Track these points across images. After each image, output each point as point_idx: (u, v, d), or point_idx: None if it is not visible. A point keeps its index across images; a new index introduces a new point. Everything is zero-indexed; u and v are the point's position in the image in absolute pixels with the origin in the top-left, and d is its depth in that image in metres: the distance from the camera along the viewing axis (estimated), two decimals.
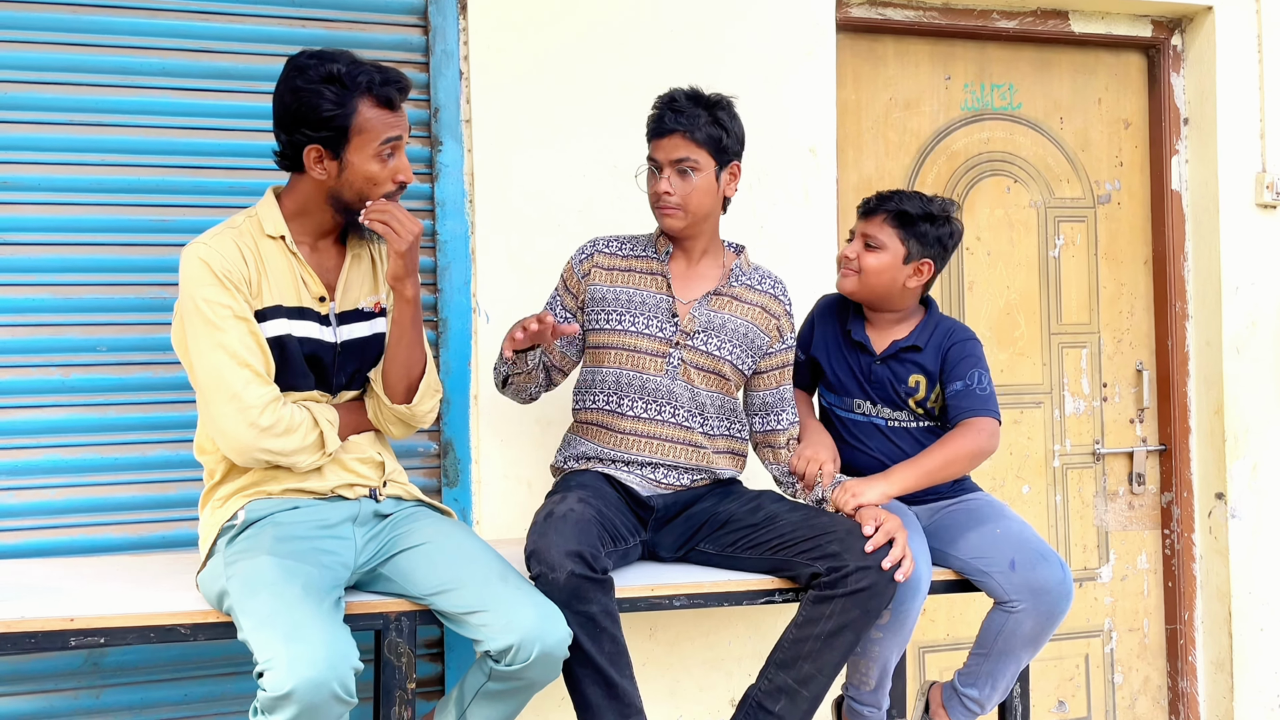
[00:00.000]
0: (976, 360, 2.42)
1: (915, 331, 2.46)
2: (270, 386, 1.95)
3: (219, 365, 1.92)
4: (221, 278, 1.94)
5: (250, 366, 1.93)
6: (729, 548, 2.27)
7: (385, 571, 2.04)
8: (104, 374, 2.56)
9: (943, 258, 2.45)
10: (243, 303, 1.95)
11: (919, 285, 2.45)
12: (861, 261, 2.42)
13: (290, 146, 1.99)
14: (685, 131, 2.27)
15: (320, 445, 2.00)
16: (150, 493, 2.59)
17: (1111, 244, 3.44)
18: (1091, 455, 3.40)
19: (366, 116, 1.96)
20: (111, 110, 2.57)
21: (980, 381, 2.39)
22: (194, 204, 2.61)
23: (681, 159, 2.27)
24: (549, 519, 2.06)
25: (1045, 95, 3.38)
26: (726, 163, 2.31)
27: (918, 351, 2.44)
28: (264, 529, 1.94)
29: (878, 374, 2.45)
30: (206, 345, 1.93)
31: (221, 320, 1.93)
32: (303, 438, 1.97)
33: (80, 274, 2.56)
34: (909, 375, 2.44)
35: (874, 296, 2.46)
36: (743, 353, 2.34)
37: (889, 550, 2.09)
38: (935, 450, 2.35)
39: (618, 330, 2.33)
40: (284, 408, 1.96)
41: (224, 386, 1.91)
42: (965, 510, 2.41)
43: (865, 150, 3.23)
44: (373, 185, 1.99)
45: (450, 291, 2.77)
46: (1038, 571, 2.23)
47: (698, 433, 2.32)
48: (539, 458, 2.78)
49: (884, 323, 2.49)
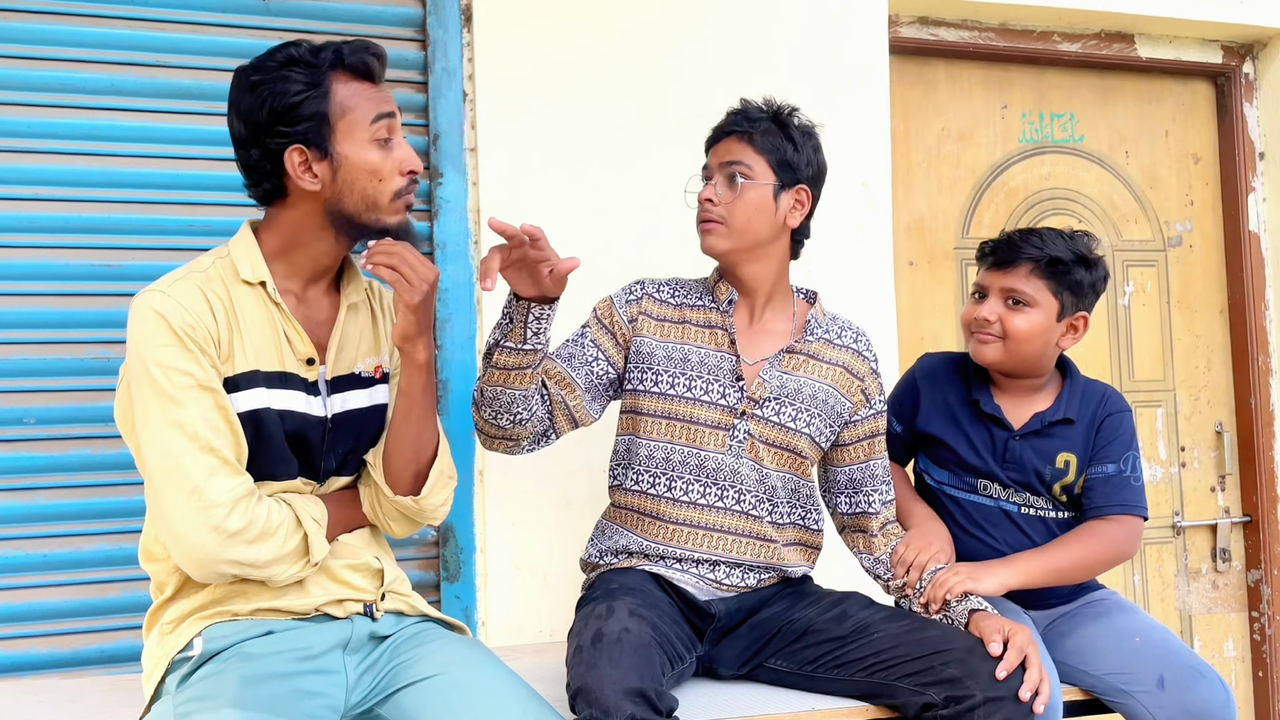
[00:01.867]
0: (1132, 440, 2.03)
1: (1061, 400, 2.05)
2: (241, 477, 1.51)
3: (175, 451, 1.48)
4: (182, 336, 1.50)
5: (216, 452, 1.49)
6: (808, 665, 1.85)
7: (384, 713, 1.58)
8: (31, 451, 2.13)
9: (1093, 306, 2.05)
10: (208, 368, 1.52)
11: (1072, 344, 2.05)
12: (1007, 324, 1.99)
13: (267, 160, 1.57)
14: (743, 133, 1.90)
15: (304, 552, 1.56)
16: (87, 596, 2.14)
17: (1185, 291, 3.09)
18: (1171, 529, 3.02)
19: (345, 93, 1.56)
20: (47, 135, 2.16)
21: (1135, 469, 2.00)
22: (144, 245, 2.20)
23: (733, 162, 1.89)
24: (599, 643, 1.62)
25: (1109, 127, 3.04)
26: (791, 183, 1.92)
27: (1069, 425, 2.04)
28: (227, 665, 1.49)
29: (1016, 452, 2.03)
30: (160, 423, 1.49)
31: (180, 392, 1.49)
32: (281, 544, 1.53)
33: (4, 329, 2.12)
34: (1057, 454, 2.03)
35: (1021, 365, 2.04)
36: (822, 423, 1.93)
37: (1023, 674, 1.68)
38: (1070, 544, 1.96)
39: (669, 396, 1.91)
40: (258, 505, 1.51)
41: (181, 478, 1.48)
42: (1093, 614, 2.02)
43: (916, 186, 2.86)
44: (378, 180, 1.57)
45: (452, 348, 2.34)
46: (1195, 691, 1.83)
47: (766, 522, 1.91)
48: (557, 545, 2.35)
49: (1018, 390, 2.08)
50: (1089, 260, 2.00)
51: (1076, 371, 2.11)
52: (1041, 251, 1.97)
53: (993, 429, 2.05)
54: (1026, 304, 1.99)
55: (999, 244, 2.03)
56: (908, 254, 2.84)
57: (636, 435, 1.94)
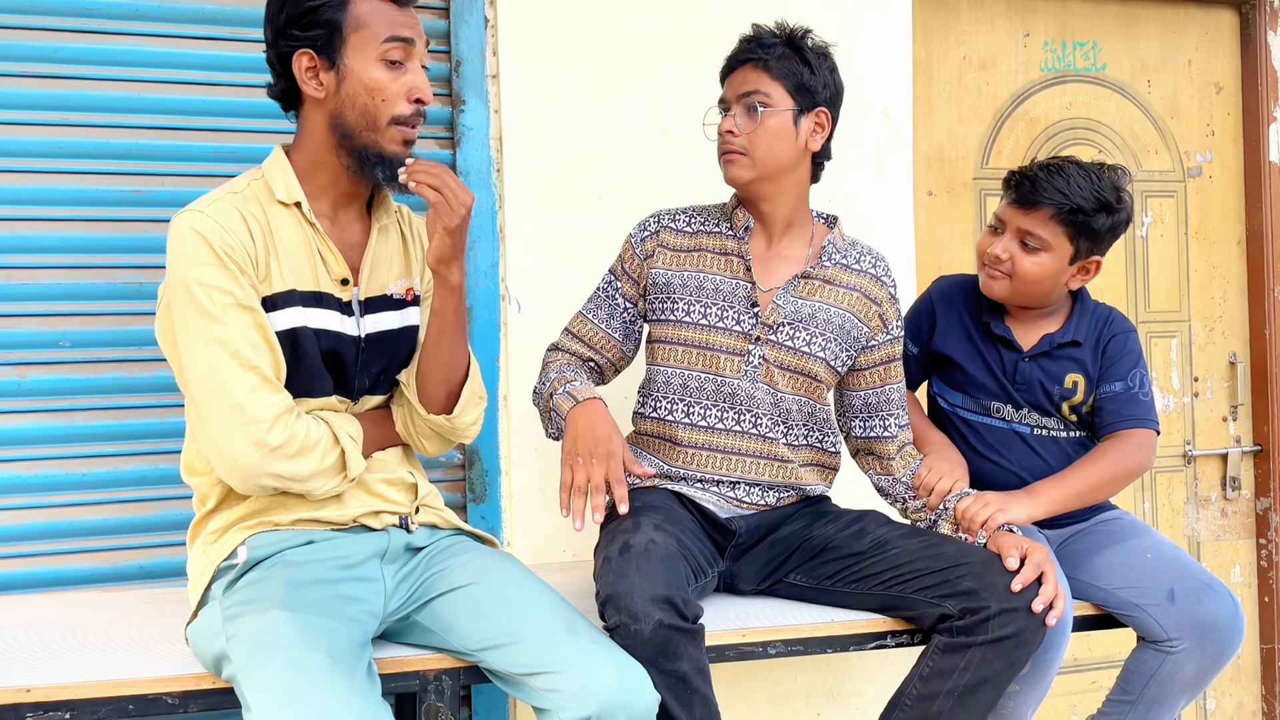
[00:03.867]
0: (1138, 358, 2.05)
1: (1069, 323, 2.08)
2: (281, 394, 1.56)
3: (217, 367, 1.52)
4: (222, 255, 1.53)
5: (257, 369, 1.53)
6: (827, 580, 1.89)
7: (421, 619, 1.65)
8: (67, 374, 2.16)
9: (1110, 247, 2.05)
10: (247, 287, 1.55)
11: (1081, 284, 2.07)
12: (1016, 264, 2.00)
13: (279, 61, 1.61)
14: (758, 61, 1.90)
15: (341, 467, 1.61)
16: (125, 514, 2.19)
17: (1203, 222, 3.09)
18: (1182, 458, 3.06)
19: (365, 9, 1.58)
20: (72, 60, 2.16)
21: (1143, 384, 2.02)
22: (172, 171, 2.22)
23: (750, 91, 1.89)
24: (626, 554, 1.67)
25: (1131, 56, 3.02)
26: (810, 106, 1.92)
27: (1076, 347, 2.06)
28: (273, 571, 1.55)
29: (1026, 373, 2.06)
30: (202, 341, 1.53)
31: (221, 310, 1.52)
32: (320, 459, 1.58)
33: (38, 254, 2.15)
34: (1065, 375, 2.05)
35: (1028, 301, 2.06)
36: (838, 348, 1.96)
37: (1038, 588, 1.72)
38: (1088, 466, 1.99)
39: (685, 323, 1.94)
40: (298, 421, 1.56)
41: (223, 395, 1.52)
42: (1105, 532, 2.05)
43: (937, 115, 2.85)
44: (379, 100, 1.58)
45: (475, 275, 2.37)
46: (1204, 604, 1.88)
47: (781, 444, 1.95)
48: None
49: (1029, 315, 2.10)
50: (1112, 207, 1.97)
51: (1087, 296, 2.13)
52: (1065, 199, 1.95)
53: (1003, 351, 2.08)
54: (1041, 248, 1.99)
55: (1023, 179, 2.00)
56: (927, 183, 2.84)
57: (656, 363, 1.97)
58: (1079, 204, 1.95)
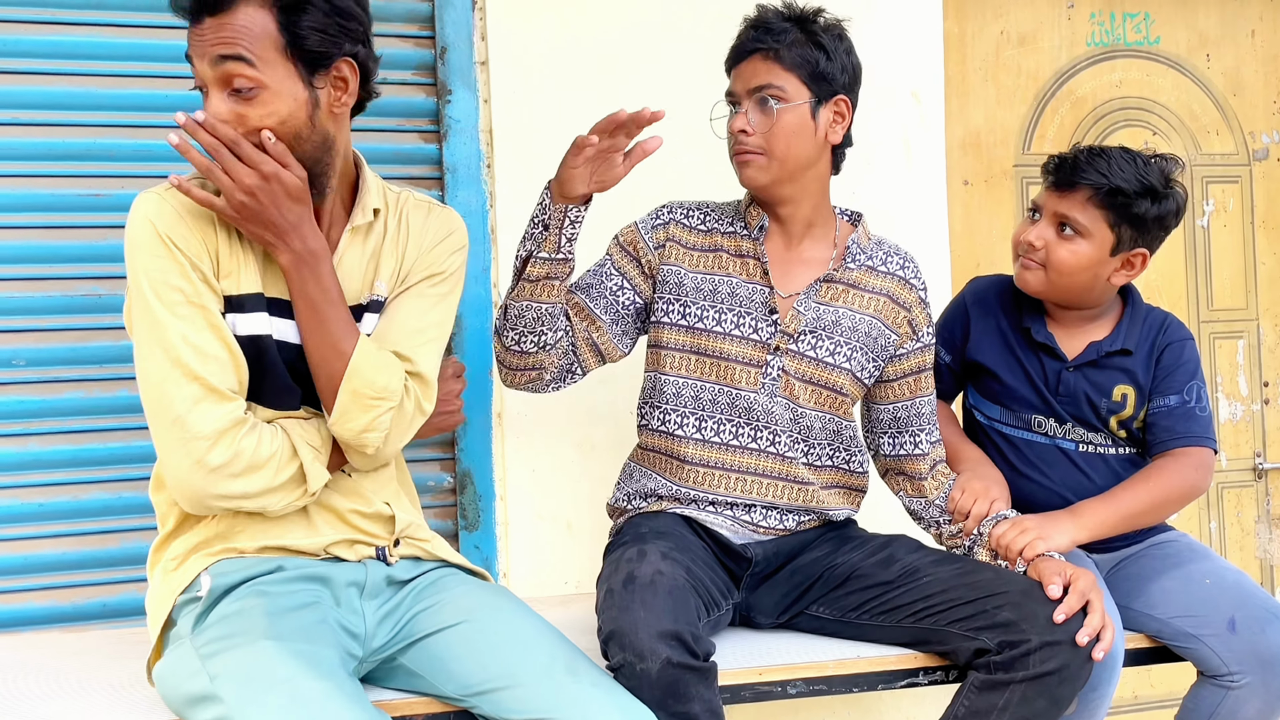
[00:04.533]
0: (1195, 369, 1.88)
1: (1119, 329, 1.90)
2: (229, 404, 1.38)
3: (160, 376, 1.37)
4: (168, 243, 1.38)
5: (201, 380, 1.37)
6: (852, 612, 1.71)
7: (406, 661, 1.48)
8: (22, 395, 2.03)
9: (1160, 241, 1.87)
10: (198, 283, 1.39)
11: (1126, 280, 1.88)
12: (1051, 253, 1.83)
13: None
14: (768, 50, 1.72)
15: (300, 480, 1.44)
16: (86, 548, 2.04)
17: (1271, 210, 2.84)
18: (1252, 471, 2.80)
19: None
20: (23, 54, 2.02)
21: (1200, 399, 1.86)
22: (134, 173, 2.08)
23: (762, 86, 1.72)
24: (630, 586, 1.51)
25: (1188, 27, 2.78)
26: (828, 95, 1.74)
27: (1126, 356, 1.89)
28: (247, 602, 1.38)
29: (1070, 384, 1.88)
30: (146, 344, 1.39)
31: (168, 308, 1.37)
32: (274, 474, 1.40)
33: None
34: (1114, 387, 1.87)
35: (1064, 297, 1.88)
36: (864, 358, 1.78)
37: (1083, 619, 1.55)
38: (1138, 486, 1.81)
39: (697, 330, 1.76)
40: (247, 436, 1.39)
41: (165, 407, 1.37)
42: (1160, 555, 1.88)
43: (972, 96, 2.64)
44: None
45: (465, 281, 2.18)
46: (1268, 635, 1.71)
47: (800, 464, 1.77)
48: (581, 492, 2.21)
49: (1073, 319, 1.92)
50: (1158, 192, 1.80)
51: (1139, 299, 1.95)
52: (1104, 179, 1.78)
53: (1045, 360, 1.90)
54: (1078, 233, 1.82)
55: (1062, 161, 1.85)
56: (962, 172, 2.63)
57: (662, 371, 1.79)
58: (1120, 185, 1.78)
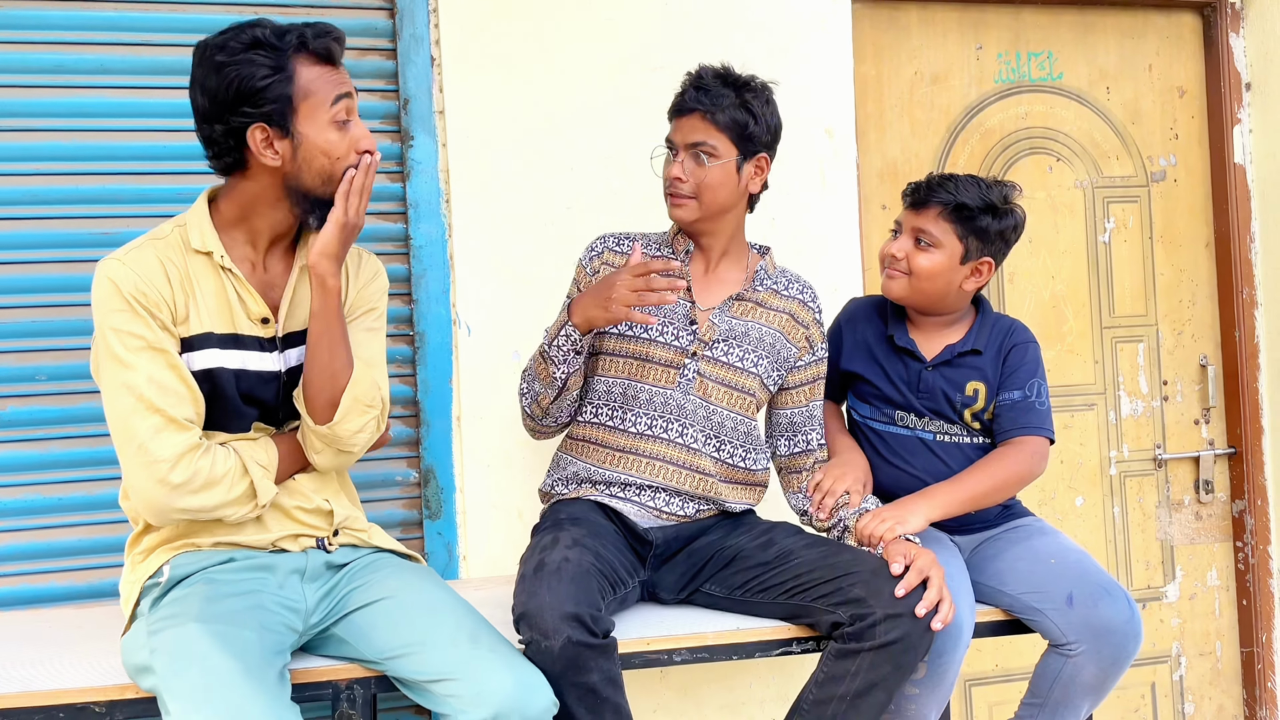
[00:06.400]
0: (1037, 368, 2.13)
1: (971, 333, 2.16)
2: (187, 433, 1.67)
3: (124, 411, 1.66)
4: (131, 301, 1.66)
5: (161, 412, 1.65)
6: (738, 590, 1.97)
7: (338, 631, 1.76)
8: (44, 405, 2.33)
9: (1004, 254, 2.15)
10: (158, 331, 1.67)
11: (976, 287, 2.15)
12: (912, 262, 2.11)
13: (229, 136, 1.70)
14: (706, 112, 2.00)
15: (251, 495, 1.72)
16: (96, 536, 2.35)
17: (1168, 226, 3.09)
18: (1152, 461, 3.06)
19: (309, 77, 1.69)
20: (45, 114, 2.34)
21: (1040, 394, 2.10)
22: (139, 214, 2.37)
23: (698, 143, 2.00)
24: (540, 572, 1.77)
25: (1089, 63, 3.04)
26: (752, 154, 2.03)
27: (977, 356, 2.15)
28: (194, 589, 1.67)
29: (929, 382, 2.14)
30: (112, 385, 1.67)
31: (131, 354, 1.65)
32: (228, 490, 1.69)
33: (15, 295, 2.32)
34: (966, 383, 2.13)
35: (926, 301, 2.15)
36: (769, 365, 2.06)
37: (923, 593, 1.79)
38: (981, 471, 2.06)
39: (626, 337, 2.04)
40: (203, 458, 1.68)
41: (130, 437, 1.65)
42: (1014, 538, 2.11)
43: (889, 131, 2.91)
44: (335, 159, 1.72)
45: (427, 302, 2.49)
46: (1100, 608, 1.93)
47: (706, 457, 2.03)
48: (530, 484, 2.49)
49: (932, 326, 2.19)
50: (999, 209, 2.08)
51: (989, 307, 2.21)
52: (952, 196, 2.07)
53: (908, 362, 2.16)
54: (932, 244, 2.09)
55: (918, 186, 2.13)
56: (880, 198, 2.89)
57: (596, 374, 2.07)
58: (965, 202, 2.06)
